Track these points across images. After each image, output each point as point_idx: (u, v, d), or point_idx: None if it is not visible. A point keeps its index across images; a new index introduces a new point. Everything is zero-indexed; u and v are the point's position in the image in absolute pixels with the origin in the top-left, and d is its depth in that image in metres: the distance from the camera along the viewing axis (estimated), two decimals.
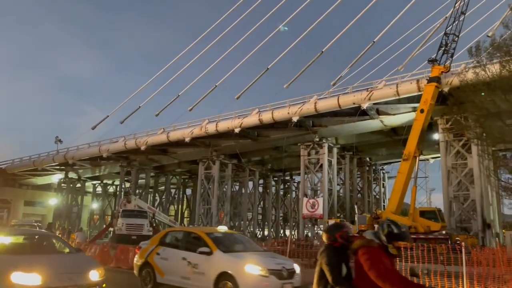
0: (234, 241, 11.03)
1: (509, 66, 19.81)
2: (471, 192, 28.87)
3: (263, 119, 36.00)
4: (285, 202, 59.11)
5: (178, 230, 13.12)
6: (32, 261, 7.92)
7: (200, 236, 10.46)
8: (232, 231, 13.01)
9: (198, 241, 10.23)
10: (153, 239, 12.00)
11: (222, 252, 9.69)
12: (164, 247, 10.95)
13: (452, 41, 27.73)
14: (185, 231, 12.05)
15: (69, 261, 8.76)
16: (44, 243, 9.70)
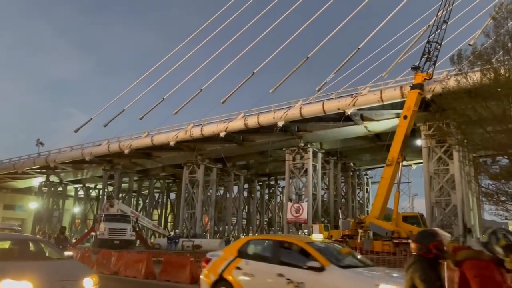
0: (339, 253, 8.76)
1: (489, 74, 20.20)
2: (452, 198, 29.36)
3: (248, 124, 36.01)
4: (269, 207, 59.15)
5: (265, 239, 10.34)
6: (22, 268, 7.44)
7: (300, 246, 8.32)
8: (326, 240, 10.33)
9: (299, 253, 8.12)
10: (227, 249, 9.80)
11: (339, 267, 7.49)
12: (247, 259, 8.64)
13: (434, 49, 28.23)
14: (276, 240, 9.43)
15: (61, 268, 8.18)
16: (32, 248, 9.12)
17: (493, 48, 20.59)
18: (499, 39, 20.23)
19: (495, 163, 21.59)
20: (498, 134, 20.24)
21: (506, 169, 20.03)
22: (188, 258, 14.98)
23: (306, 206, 35.15)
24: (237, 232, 52.60)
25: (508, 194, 19.92)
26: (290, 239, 9.54)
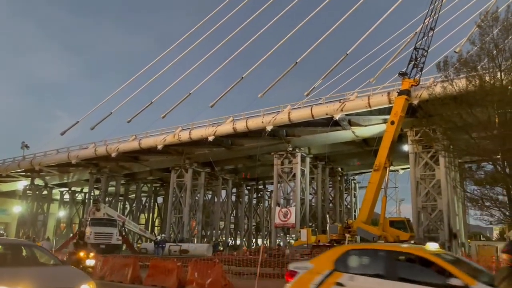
0: (474, 267, 7.24)
1: (475, 81, 20.53)
2: (438, 203, 29.67)
3: (237, 128, 35.98)
4: (257, 211, 59.07)
5: (370, 248, 8.45)
6: (16, 274, 7.05)
7: (424, 259, 6.68)
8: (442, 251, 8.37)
9: (424, 267, 6.59)
10: (318, 261, 8.02)
11: (488, 285, 5.81)
12: (350, 274, 7.04)
13: (421, 56, 28.60)
14: (389, 250, 7.64)
15: (57, 275, 7.79)
16: (25, 254, 8.65)
17: (479, 56, 20.95)
18: (484, 46, 20.59)
19: (480, 168, 21.90)
20: (483, 140, 20.54)
21: (490, 175, 20.32)
22: (175, 263, 14.85)
23: (294, 211, 35.17)
24: (224, 236, 52.39)
25: (493, 199, 20.18)
26: (407, 249, 7.70)
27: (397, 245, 10.82)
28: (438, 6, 28.54)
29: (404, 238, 26.23)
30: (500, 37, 20.22)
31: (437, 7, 28.51)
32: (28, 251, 8.80)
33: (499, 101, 19.38)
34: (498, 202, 20.01)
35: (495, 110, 19.69)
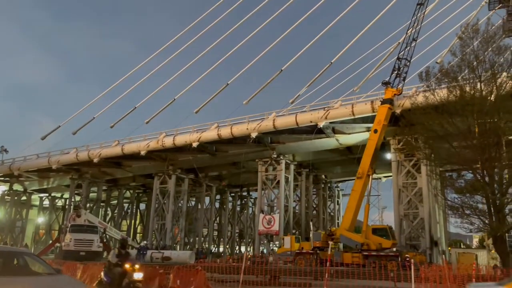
0: None
1: (455, 92, 21.00)
2: (420, 211, 30.05)
3: (221, 134, 35.90)
4: (241, 218, 58.85)
5: None
6: (8, 284, 6.48)
7: None
8: None
9: None
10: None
11: None
12: None
13: (404, 66, 29.10)
14: None
15: (52, 284, 7.28)
16: (16, 262, 7.96)
17: (459, 67, 21.46)
18: (465, 58, 21.11)
19: (460, 177, 22.30)
20: (463, 149, 20.97)
21: (470, 183, 20.70)
22: (157, 270, 14.64)
23: (278, 218, 35.15)
24: (207, 243, 51.99)
25: (473, 207, 20.56)
26: None
27: None
28: (420, 18, 29.13)
29: (386, 245, 26.45)
30: (480, 48, 20.77)
31: (419, 18, 29.09)
32: (19, 259, 8.16)
33: (479, 111, 19.84)
34: (478, 210, 20.39)
35: (475, 120, 20.15)
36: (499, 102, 19.77)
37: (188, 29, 42.85)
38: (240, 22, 39.75)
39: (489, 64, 20.52)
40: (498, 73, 20.38)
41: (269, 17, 38.69)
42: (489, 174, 19.83)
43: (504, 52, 20.68)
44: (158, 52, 44.50)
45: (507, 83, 20.12)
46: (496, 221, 19.53)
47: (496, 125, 19.71)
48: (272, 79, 37.14)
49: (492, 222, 19.69)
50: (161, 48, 44.12)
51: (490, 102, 20.02)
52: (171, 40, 43.57)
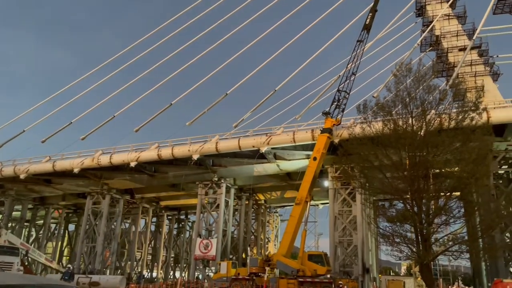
0: None
1: (390, 125, 22.26)
2: (354, 238, 30.97)
3: (162, 155, 35.06)
4: (177, 242, 57.15)
5: None
6: None
7: None
8: None
9: None
10: None
11: None
12: None
13: (343, 98, 30.46)
14: None
15: None
16: None
17: (394, 102, 22.84)
18: (399, 94, 22.55)
19: (392, 206, 23.35)
20: (395, 180, 22.09)
21: (401, 213, 21.73)
22: None
23: (215, 243, 34.54)
24: (140, 268, 49.73)
25: (402, 236, 21.54)
26: None
27: None
28: (359, 54, 30.84)
29: (321, 272, 26.81)
30: (412, 86, 22.31)
31: (359, 54, 30.78)
32: None
33: (410, 145, 21.11)
34: (407, 239, 21.39)
35: (407, 152, 21.38)
36: (428, 137, 21.17)
37: (133, 46, 41.93)
38: (187, 43, 39.67)
39: (420, 101, 22.05)
40: (428, 110, 21.92)
41: (216, 40, 39.05)
42: (418, 205, 20.96)
43: (433, 91, 22.34)
44: (100, 67, 43.03)
45: (435, 120, 21.66)
46: (423, 249, 20.55)
47: (425, 158, 21.02)
48: (217, 102, 37.21)
49: (419, 250, 20.69)
50: (104, 63, 42.70)
51: (420, 137, 21.39)
52: (115, 56, 42.39)
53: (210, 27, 39.21)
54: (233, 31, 38.41)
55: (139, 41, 41.65)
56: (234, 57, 38.28)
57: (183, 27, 40.08)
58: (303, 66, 36.15)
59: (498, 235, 25.46)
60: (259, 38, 37.77)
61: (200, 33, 39.24)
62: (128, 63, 41.26)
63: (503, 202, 27.93)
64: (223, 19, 38.94)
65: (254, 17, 38.08)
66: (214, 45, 38.71)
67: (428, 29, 39.24)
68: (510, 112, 26.41)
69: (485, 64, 38.97)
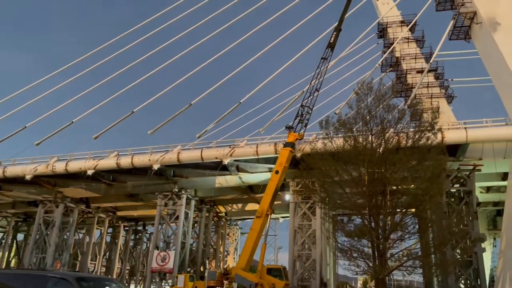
0: None
1: (350, 141, 22.83)
2: (312, 252, 31.20)
3: (121, 163, 34.12)
4: (134, 254, 55.43)
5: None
6: None
7: None
8: None
9: None
10: None
11: None
12: None
13: (307, 113, 30.92)
14: None
15: None
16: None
17: (355, 119, 23.48)
18: (360, 111, 23.20)
19: (350, 221, 23.80)
20: (355, 195, 22.57)
21: (359, 228, 22.17)
22: None
23: (173, 255, 33.77)
24: None
25: (359, 250, 21.95)
26: None
27: None
28: (323, 71, 31.52)
29: (280, 286, 26.75)
30: (372, 104, 23.04)
31: (322, 71, 31.45)
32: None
33: (369, 162, 21.68)
34: (364, 253, 21.81)
35: (366, 169, 21.92)
36: (386, 154, 21.84)
37: (95, 52, 40.74)
38: (152, 51, 39.05)
39: (380, 120, 22.79)
40: (387, 128, 22.66)
41: (183, 49, 38.71)
42: (375, 220, 21.47)
43: (392, 110, 23.17)
44: (59, 71, 41.42)
45: (393, 138, 22.41)
46: (379, 264, 21.00)
47: (383, 175, 21.62)
48: (180, 112, 36.65)
49: (375, 265, 21.12)
50: (63, 68, 41.03)
51: (379, 154, 22.03)
52: (76, 61, 40.88)
53: (176, 37, 38.86)
54: (200, 42, 38.23)
55: (102, 47, 40.52)
56: (199, 68, 38.06)
57: (148, 35, 39.36)
58: (268, 80, 36.44)
59: (449, 251, 26.46)
60: (225, 50, 37.79)
61: (166, 42, 38.79)
62: (89, 69, 39.96)
63: (454, 219, 29.09)
64: (189, 29, 38.72)
65: (221, 30, 38.13)
66: (179, 55, 38.31)
67: (389, 51, 40.82)
68: (462, 134, 27.71)
69: (440, 86, 40.92)
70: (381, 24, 43.32)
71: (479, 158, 29.17)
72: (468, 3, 31.20)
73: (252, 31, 37.65)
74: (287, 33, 36.95)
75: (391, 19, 43.01)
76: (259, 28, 37.62)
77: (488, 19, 28.66)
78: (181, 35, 38.61)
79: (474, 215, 29.18)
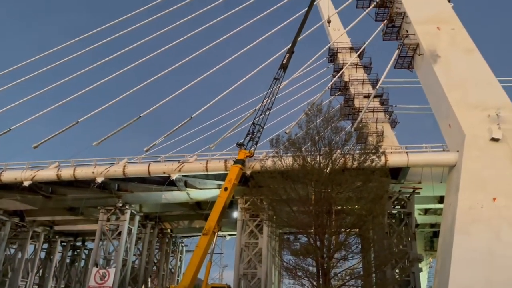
0: None
1: (299, 160, 23.24)
2: (258, 271, 31.02)
3: (62, 175, 32.39)
4: (70, 272, 52.32)
5: None
6: None
7: None
8: None
9: None
10: None
11: None
12: None
13: (258, 131, 31.18)
14: None
15: None
16: None
17: (304, 139, 24.02)
18: (309, 132, 23.79)
19: (296, 240, 24.02)
20: (302, 214, 22.87)
21: (305, 247, 22.40)
22: None
23: (113, 273, 32.27)
24: None
25: (304, 269, 22.14)
26: None
27: None
28: (275, 90, 32.07)
29: None
30: (321, 126, 23.72)
31: (274, 91, 31.99)
32: None
33: (317, 181, 22.15)
34: (309, 272, 22.02)
35: (313, 188, 22.35)
36: (333, 175, 22.43)
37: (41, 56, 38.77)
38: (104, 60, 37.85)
39: (328, 141, 23.47)
40: (334, 149, 23.35)
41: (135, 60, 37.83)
42: (321, 239, 21.82)
43: (340, 132, 23.97)
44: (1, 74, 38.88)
45: (340, 159, 23.09)
46: (322, 283, 21.26)
47: (329, 195, 22.14)
48: (128, 124, 35.61)
49: (319, 284, 21.36)
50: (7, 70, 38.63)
51: (326, 174, 22.58)
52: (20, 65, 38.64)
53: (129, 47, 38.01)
54: (153, 54, 37.64)
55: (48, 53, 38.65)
56: (151, 81, 37.37)
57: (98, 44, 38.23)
58: (221, 96, 36.42)
59: (389, 271, 27.37)
60: (179, 64, 37.39)
61: (117, 52, 37.82)
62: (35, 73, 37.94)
63: (395, 240, 30.24)
64: (144, 40, 38.07)
65: (176, 43, 37.80)
66: (131, 65, 37.44)
67: (338, 75, 42.51)
68: (404, 158, 29.09)
69: (385, 112, 43.04)
70: (332, 49, 45.10)
71: (418, 182, 30.71)
72: (412, 35, 33.37)
73: (207, 47, 37.74)
74: (239, 52, 37.37)
75: (341, 45, 44.95)
76: (215, 44, 37.76)
77: (429, 51, 30.72)
78: (136, 45, 37.84)
79: (413, 236, 30.52)
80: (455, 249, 23.21)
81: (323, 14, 43.79)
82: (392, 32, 36.46)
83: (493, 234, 23.31)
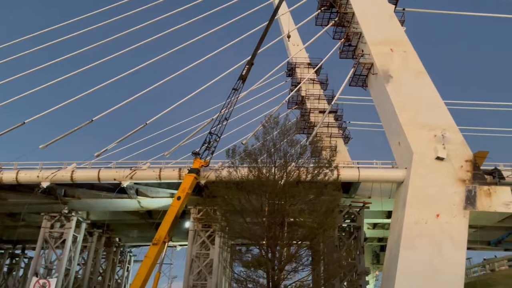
0: None
1: (254, 172, 23.34)
2: (208, 282, 30.54)
3: (3, 179, 30.61)
4: (7, 281, 49.03)
5: None
6: None
7: None
8: None
9: None
10: None
11: None
12: None
13: (214, 141, 30.98)
14: None
15: None
16: None
17: (260, 150, 24.20)
18: (265, 144, 24.00)
19: (248, 251, 23.99)
20: (255, 225, 22.90)
21: (256, 258, 22.42)
22: None
23: (54, 283, 30.65)
24: None
25: (255, 281, 22.09)
26: None
27: None
28: (234, 101, 32.10)
29: None
30: (278, 138, 24.02)
31: (233, 101, 32.02)
32: None
33: (271, 193, 22.33)
34: (259, 284, 22.00)
35: (267, 199, 22.48)
36: (287, 187, 22.70)
37: None
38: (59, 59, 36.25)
39: (283, 153, 23.79)
40: (289, 162, 23.68)
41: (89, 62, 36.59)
42: (272, 251, 21.92)
43: (295, 145, 24.37)
44: None
45: (294, 172, 23.43)
46: None
47: (282, 207, 22.35)
48: (79, 127, 34.19)
49: None
50: None
51: (280, 186, 22.81)
52: None
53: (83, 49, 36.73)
54: (109, 57, 36.58)
55: None
56: (106, 84, 36.21)
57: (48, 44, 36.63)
58: (178, 104, 35.87)
59: (338, 283, 27.91)
60: (136, 68, 36.55)
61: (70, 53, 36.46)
62: None
63: (344, 253, 30.91)
64: (99, 43, 36.96)
65: (135, 47, 36.98)
66: (88, 66, 36.18)
67: (296, 89, 43.34)
68: (355, 172, 29.96)
69: (339, 127, 44.31)
70: (290, 63, 45.99)
71: (368, 196, 31.71)
72: (367, 55, 34.71)
73: (167, 53, 37.16)
74: (200, 60, 36.98)
75: (300, 60, 45.94)
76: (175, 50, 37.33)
77: (382, 71, 32.04)
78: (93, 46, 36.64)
79: (362, 250, 31.36)
80: (400, 262, 24.08)
81: (283, 29, 44.58)
82: (349, 50, 37.74)
83: (435, 249, 24.45)
